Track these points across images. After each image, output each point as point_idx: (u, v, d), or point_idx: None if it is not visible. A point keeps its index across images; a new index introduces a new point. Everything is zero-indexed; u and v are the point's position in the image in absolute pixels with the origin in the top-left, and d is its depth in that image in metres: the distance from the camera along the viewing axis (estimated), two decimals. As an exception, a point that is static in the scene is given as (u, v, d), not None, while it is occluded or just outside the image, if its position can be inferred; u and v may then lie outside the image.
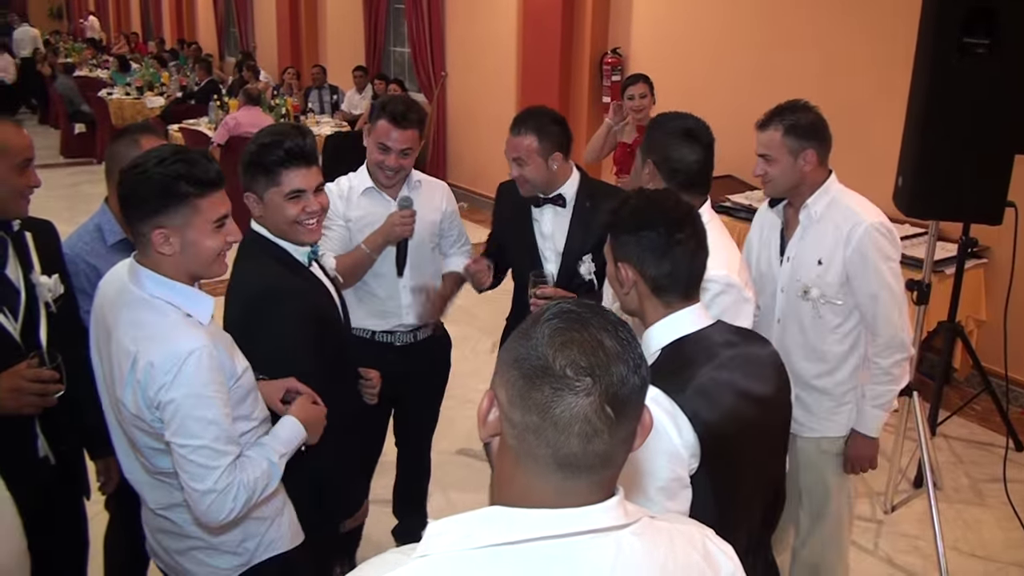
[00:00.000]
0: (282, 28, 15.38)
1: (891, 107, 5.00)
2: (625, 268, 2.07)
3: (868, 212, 3.06)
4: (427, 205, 3.58)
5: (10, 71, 17.46)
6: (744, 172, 6.69)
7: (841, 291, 3.08)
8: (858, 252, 3.00)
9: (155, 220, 2.16)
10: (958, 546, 4.27)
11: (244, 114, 9.24)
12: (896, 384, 3.16)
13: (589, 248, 3.35)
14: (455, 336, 4.10)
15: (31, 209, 2.71)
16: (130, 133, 3.05)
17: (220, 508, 2.16)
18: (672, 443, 1.88)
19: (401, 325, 3.58)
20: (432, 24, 11.08)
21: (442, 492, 4.63)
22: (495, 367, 1.29)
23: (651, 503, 1.87)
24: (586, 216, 3.36)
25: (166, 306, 2.20)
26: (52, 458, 2.75)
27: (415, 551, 1.21)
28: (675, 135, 2.74)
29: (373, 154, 3.39)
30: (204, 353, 2.13)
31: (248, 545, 2.44)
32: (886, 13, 6.03)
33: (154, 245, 2.18)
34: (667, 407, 1.89)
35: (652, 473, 1.88)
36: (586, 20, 8.71)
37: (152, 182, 2.14)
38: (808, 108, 3.08)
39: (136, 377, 2.12)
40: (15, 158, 2.55)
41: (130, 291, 2.23)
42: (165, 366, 2.10)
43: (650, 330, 2.07)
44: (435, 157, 11.41)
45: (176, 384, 2.10)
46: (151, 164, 2.15)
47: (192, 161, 2.18)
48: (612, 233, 2.12)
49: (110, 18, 27.45)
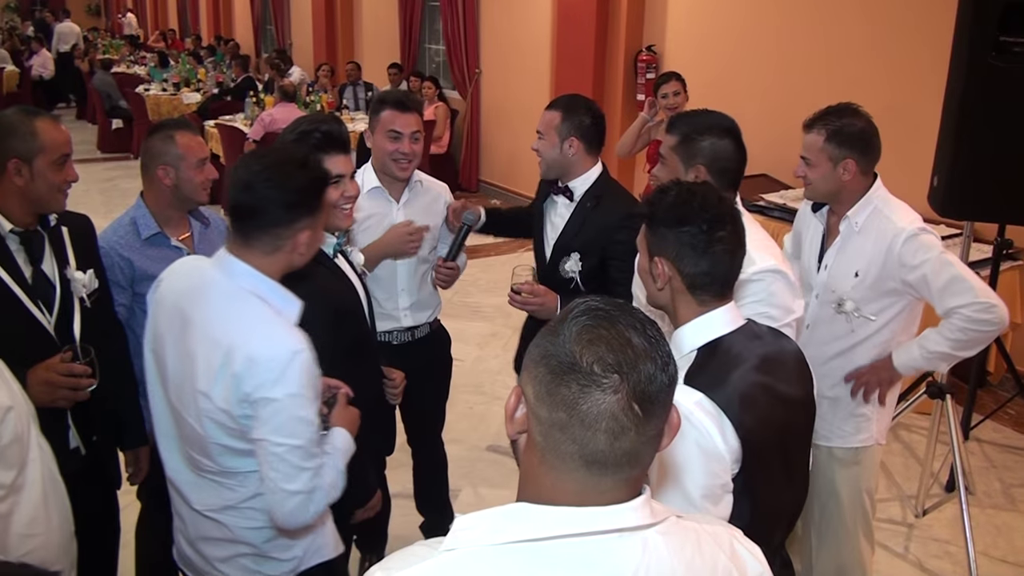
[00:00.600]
0: (318, 25, 15.45)
1: (928, 106, 4.96)
2: (661, 263, 2.02)
3: (907, 220, 2.97)
4: (428, 209, 3.59)
5: (48, 67, 17.69)
6: (778, 171, 6.65)
7: (875, 306, 3.03)
8: (904, 262, 2.93)
9: (299, 221, 2.21)
10: (989, 552, 4.22)
11: (279, 110, 9.33)
12: (959, 347, 2.96)
13: (577, 247, 3.31)
14: (484, 333, 4.12)
15: (72, 203, 2.75)
16: (165, 129, 3.09)
17: (304, 510, 2.17)
18: (718, 448, 1.87)
19: (398, 326, 3.60)
20: (467, 21, 11.10)
21: (472, 488, 4.65)
22: (523, 363, 1.29)
23: (695, 508, 1.86)
24: (585, 215, 3.32)
25: (261, 302, 2.20)
26: (83, 449, 2.79)
27: (442, 545, 1.22)
28: (719, 135, 2.68)
29: (385, 146, 3.36)
30: (307, 354, 2.13)
31: (296, 551, 2.41)
32: (923, 10, 5.97)
33: (298, 246, 2.23)
34: (712, 412, 1.88)
35: (697, 479, 1.87)
36: (621, 17, 8.69)
37: (307, 182, 2.22)
38: (857, 114, 2.98)
39: (232, 370, 2.10)
40: (53, 154, 2.58)
41: (221, 283, 2.22)
42: (270, 363, 2.09)
43: (682, 329, 2.04)
44: (468, 154, 11.44)
45: (281, 383, 2.09)
46: (296, 166, 2.23)
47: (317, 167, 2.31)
48: (649, 225, 2.06)
49: (147, 15, 27.69)
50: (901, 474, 4.83)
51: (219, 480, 2.30)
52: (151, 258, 3.04)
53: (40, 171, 2.55)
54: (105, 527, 3.05)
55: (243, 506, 2.30)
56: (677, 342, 2.03)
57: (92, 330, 2.75)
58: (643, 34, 8.71)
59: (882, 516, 4.39)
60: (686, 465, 1.87)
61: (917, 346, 3.04)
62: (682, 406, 1.84)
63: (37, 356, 2.54)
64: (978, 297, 2.88)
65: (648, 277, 2.08)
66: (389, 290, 3.54)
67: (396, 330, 3.60)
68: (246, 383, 2.10)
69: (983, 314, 2.89)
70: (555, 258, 3.38)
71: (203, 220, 3.24)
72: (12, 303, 2.56)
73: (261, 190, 2.16)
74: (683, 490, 1.88)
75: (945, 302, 2.92)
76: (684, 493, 1.88)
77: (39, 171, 2.55)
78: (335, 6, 15.09)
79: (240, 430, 2.17)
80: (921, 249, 2.92)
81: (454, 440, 4.42)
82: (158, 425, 2.39)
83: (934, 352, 3.00)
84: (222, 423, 2.18)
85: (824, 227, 3.19)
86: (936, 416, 4.38)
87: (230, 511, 2.32)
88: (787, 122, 3.11)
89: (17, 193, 2.56)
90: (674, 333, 2.06)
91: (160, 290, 2.35)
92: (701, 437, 1.86)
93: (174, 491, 2.43)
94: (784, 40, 7.17)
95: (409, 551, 1.26)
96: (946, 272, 2.90)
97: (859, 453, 3.21)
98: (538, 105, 9.73)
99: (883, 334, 3.08)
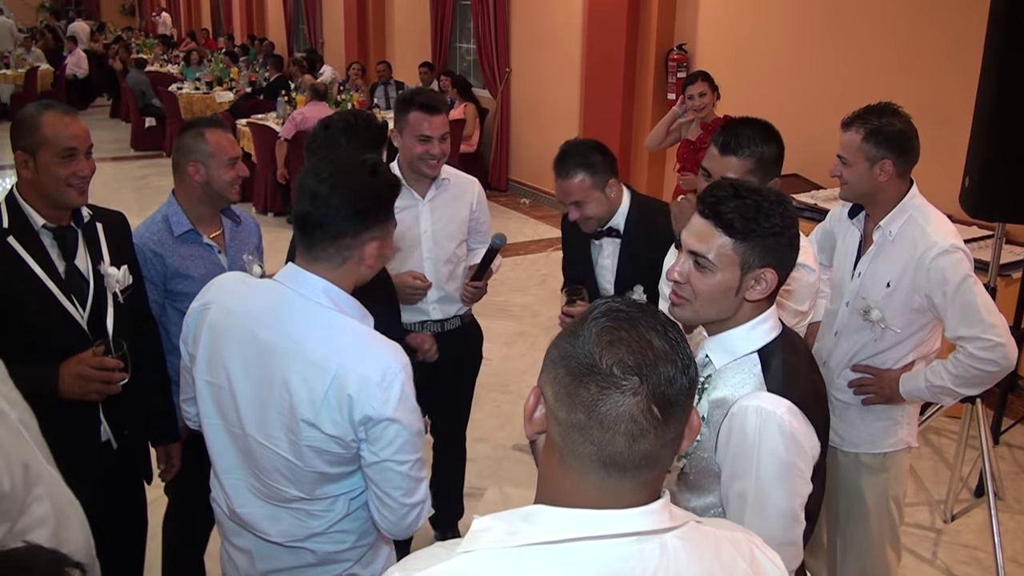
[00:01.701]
0: (349, 24, 15.52)
1: (959, 105, 4.92)
2: (770, 272, 1.94)
3: (942, 234, 2.91)
4: (455, 202, 3.63)
5: (83, 65, 17.88)
6: (810, 171, 6.61)
7: (902, 319, 2.99)
8: (930, 276, 2.88)
9: (367, 232, 2.11)
10: (1018, 558, 4.17)
11: (311, 109, 9.38)
12: (961, 383, 2.92)
13: (639, 278, 3.28)
14: (512, 332, 4.13)
15: (105, 200, 2.77)
16: (196, 126, 3.12)
17: (419, 518, 2.17)
18: (808, 454, 1.90)
19: (428, 320, 3.65)
20: (497, 20, 11.11)
21: (498, 486, 4.66)
22: (543, 364, 1.29)
23: (794, 521, 1.91)
24: (635, 247, 3.31)
25: (347, 318, 2.11)
26: (114, 442, 2.82)
27: (459, 546, 1.22)
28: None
29: (414, 148, 3.38)
30: (409, 368, 2.09)
31: (379, 564, 2.38)
32: (955, 8, 5.91)
33: (366, 258, 2.13)
34: (798, 416, 1.88)
35: (793, 488, 1.90)
36: (652, 16, 8.66)
37: (378, 190, 2.14)
38: (897, 114, 2.93)
39: (346, 393, 2.01)
40: (56, 147, 2.58)
41: (299, 302, 2.10)
42: (385, 382, 2.02)
43: (731, 333, 2.00)
44: (498, 153, 11.45)
45: (401, 400, 2.04)
46: (366, 174, 2.14)
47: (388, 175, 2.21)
48: (746, 236, 1.93)
49: (181, 15, 27.91)
50: (930, 478, 4.79)
51: (304, 508, 2.20)
52: (183, 255, 3.07)
53: (44, 164, 2.58)
54: (134, 520, 3.08)
55: (332, 531, 2.24)
56: (726, 345, 2.01)
57: (125, 325, 2.79)
58: (674, 33, 8.68)
59: (910, 521, 4.36)
60: (781, 473, 1.87)
61: (924, 378, 2.99)
62: (776, 415, 1.84)
63: (70, 350, 2.58)
64: (985, 333, 2.83)
65: (730, 292, 1.96)
66: None
67: (427, 321, 3.65)
68: (365, 406, 2.01)
69: (986, 352, 2.83)
70: (619, 293, 3.36)
71: (234, 218, 3.26)
72: (45, 297, 2.59)
73: (325, 199, 2.07)
74: (778, 501, 1.88)
75: (955, 328, 2.89)
76: (777, 504, 1.89)
77: (43, 164, 2.58)
78: (367, 5, 15.16)
79: (347, 456, 2.11)
80: (949, 267, 2.86)
81: (480, 439, 4.43)
82: (219, 460, 2.28)
83: (938, 386, 2.95)
84: (328, 450, 2.09)
85: (861, 234, 3.15)
86: (966, 420, 4.34)
87: (317, 538, 2.24)
88: (819, 122, 3.09)
89: (29, 186, 2.61)
90: (718, 337, 2.03)
91: (212, 315, 2.20)
92: (795, 445, 1.87)
93: (240, 525, 2.31)
94: (816, 39, 7.13)
95: (427, 552, 1.27)
96: (965, 298, 2.85)
97: (887, 459, 3.17)
98: (568, 104, 9.83)
99: (906, 345, 3.05)
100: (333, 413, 2.03)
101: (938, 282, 2.87)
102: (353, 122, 3.08)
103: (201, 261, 3.10)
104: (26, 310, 2.56)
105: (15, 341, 2.52)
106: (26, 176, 2.60)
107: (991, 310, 2.86)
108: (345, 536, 2.25)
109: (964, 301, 2.85)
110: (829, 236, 3.38)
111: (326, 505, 2.20)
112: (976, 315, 2.84)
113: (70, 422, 2.65)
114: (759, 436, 1.85)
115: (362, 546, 2.29)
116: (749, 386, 1.92)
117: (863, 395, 3.12)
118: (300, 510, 2.20)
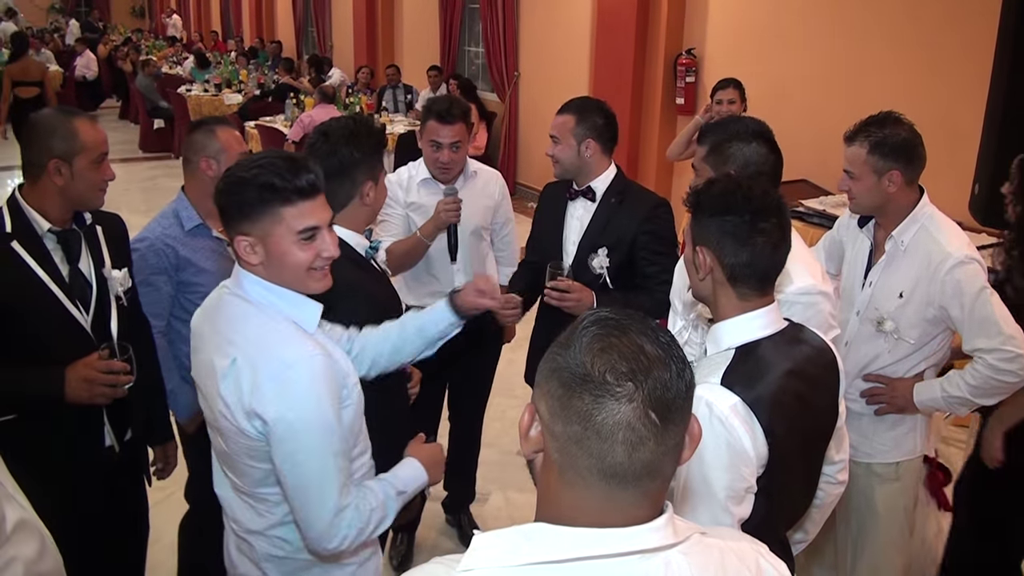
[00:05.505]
0: (359, 28, 15.53)
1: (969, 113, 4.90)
2: (703, 252, 2.01)
3: (956, 244, 2.88)
4: (481, 192, 3.89)
5: (92, 67, 17.92)
6: (818, 177, 6.59)
7: (917, 329, 2.96)
8: (945, 289, 2.85)
9: (237, 226, 2.04)
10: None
11: (319, 112, 9.41)
12: (979, 394, 2.89)
13: (604, 243, 3.35)
14: (517, 337, 4.12)
15: (114, 201, 2.79)
16: (206, 124, 3.23)
17: (335, 536, 2.08)
18: (747, 452, 1.87)
19: None
20: (506, 24, 11.11)
21: (502, 492, 4.64)
22: (535, 380, 1.26)
23: (719, 508, 1.87)
24: (610, 212, 3.39)
25: (269, 309, 2.09)
26: (117, 447, 2.81)
27: (459, 564, 1.20)
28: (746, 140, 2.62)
29: (428, 153, 3.69)
30: (315, 366, 2.03)
31: None
32: (966, 16, 5.88)
33: (239, 253, 2.07)
34: (744, 416, 1.87)
35: (724, 480, 1.87)
36: (661, 20, 8.64)
37: (236, 187, 2.03)
38: (899, 123, 2.89)
39: (241, 383, 2.01)
40: (93, 153, 2.63)
41: (233, 299, 2.13)
42: (280, 376, 2.00)
43: (722, 325, 2.03)
44: (506, 157, 11.44)
45: (292, 398, 2.00)
46: (239, 168, 2.05)
47: (278, 166, 2.02)
48: (694, 214, 2.04)
49: (191, 17, 28.00)
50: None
51: (249, 502, 2.22)
52: (193, 248, 3.15)
53: (80, 170, 2.60)
54: (135, 524, 3.08)
55: (270, 533, 2.23)
56: (716, 337, 2.04)
57: (127, 328, 2.80)
58: (683, 37, 8.66)
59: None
60: (714, 464, 1.86)
61: (940, 387, 2.96)
62: (717, 407, 1.85)
63: (74, 354, 2.57)
64: (1005, 344, 2.80)
65: (691, 267, 2.08)
66: (444, 268, 3.80)
67: None
68: (256, 399, 2.00)
69: (1006, 363, 2.81)
70: (581, 256, 3.41)
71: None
72: (50, 301, 2.59)
73: (216, 189, 2.09)
74: (709, 490, 1.88)
75: (973, 340, 2.85)
76: (710, 492, 1.88)
77: (79, 170, 2.60)
78: (376, 9, 15.18)
79: (259, 449, 2.08)
80: (965, 279, 2.82)
81: (485, 444, 4.43)
82: (213, 444, 2.29)
83: (955, 397, 2.92)
84: (241, 442, 2.09)
85: (871, 243, 3.12)
86: (973, 429, 4.31)
87: (258, 536, 2.25)
88: (827, 127, 3.07)
89: (57, 192, 2.60)
90: (713, 328, 2.05)
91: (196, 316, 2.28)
92: (733, 439, 1.86)
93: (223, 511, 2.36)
94: (825, 44, 7.11)
95: (426, 569, 1.25)
96: (983, 310, 2.82)
97: (900, 468, 3.14)
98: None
99: (918, 355, 3.02)
100: (231, 398, 2.03)
101: (954, 294, 2.84)
102: (354, 128, 3.09)
103: (211, 254, 3.18)
104: (30, 314, 2.56)
105: (19, 345, 2.53)
106: (58, 183, 2.58)
107: (1008, 321, 2.83)
108: (283, 544, 2.23)
109: (982, 313, 2.82)
110: (837, 245, 3.35)
111: (267, 507, 2.19)
112: (995, 327, 2.81)
113: (74, 427, 2.67)
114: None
115: (301, 560, 2.23)
116: (712, 379, 1.93)
117: (875, 404, 3.09)
118: (249, 505, 2.23)
